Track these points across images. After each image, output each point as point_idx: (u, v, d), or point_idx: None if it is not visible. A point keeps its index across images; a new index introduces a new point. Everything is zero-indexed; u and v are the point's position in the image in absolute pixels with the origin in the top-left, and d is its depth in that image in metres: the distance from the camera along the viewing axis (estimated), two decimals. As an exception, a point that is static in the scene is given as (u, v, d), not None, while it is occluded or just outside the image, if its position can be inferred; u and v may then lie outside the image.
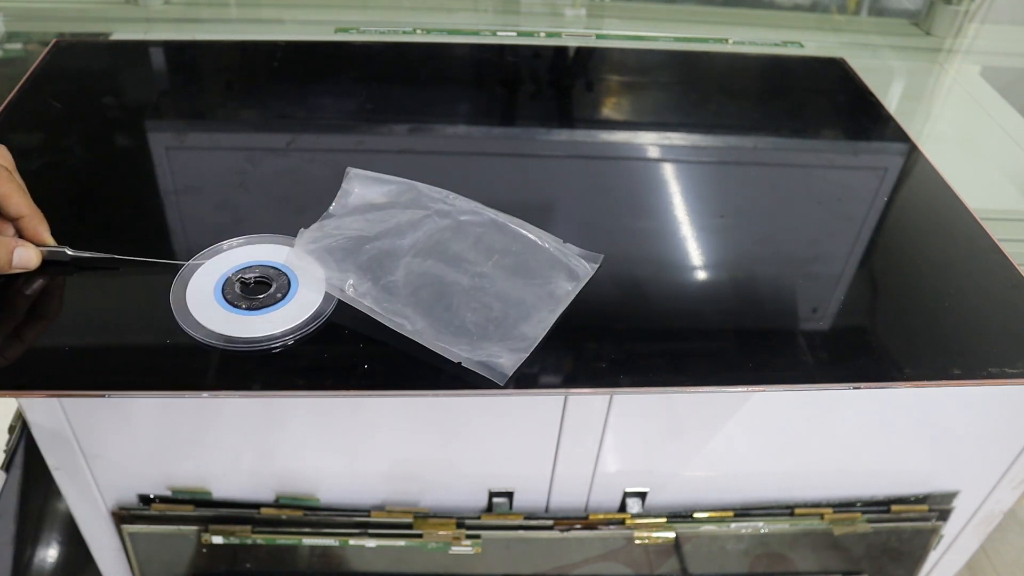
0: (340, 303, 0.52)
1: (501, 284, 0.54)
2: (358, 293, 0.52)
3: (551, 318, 0.53)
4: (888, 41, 1.23)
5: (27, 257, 0.52)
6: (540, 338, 0.51)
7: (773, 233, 0.63)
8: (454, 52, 0.90)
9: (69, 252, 0.54)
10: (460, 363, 0.49)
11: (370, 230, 0.57)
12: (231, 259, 0.55)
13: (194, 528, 0.66)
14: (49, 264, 0.54)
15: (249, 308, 0.51)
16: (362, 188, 0.61)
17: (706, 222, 0.63)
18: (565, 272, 0.56)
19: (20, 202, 0.52)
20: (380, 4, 1.15)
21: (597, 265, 0.57)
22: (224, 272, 0.54)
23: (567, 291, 0.55)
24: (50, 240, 0.54)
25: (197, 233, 0.58)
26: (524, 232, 0.58)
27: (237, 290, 0.53)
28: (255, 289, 0.53)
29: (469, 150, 0.72)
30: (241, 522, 0.67)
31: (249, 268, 0.54)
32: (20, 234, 0.53)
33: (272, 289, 0.53)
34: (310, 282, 0.53)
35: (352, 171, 0.62)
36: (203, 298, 0.52)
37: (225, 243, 0.56)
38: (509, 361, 0.49)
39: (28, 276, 0.53)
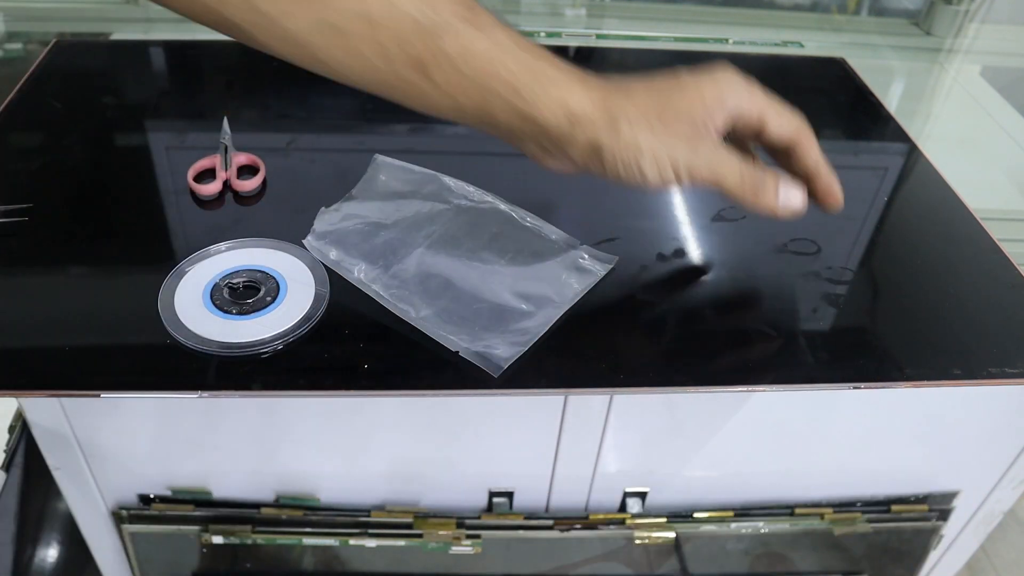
0: (332, 302, 0.52)
1: (511, 280, 0.54)
2: (368, 278, 0.53)
3: (555, 314, 0.53)
4: (888, 41, 1.23)
5: (796, 197, 0.48)
6: (541, 334, 0.51)
7: (773, 233, 0.62)
8: (454, 52, 0.89)
9: None
10: (458, 352, 0.49)
11: (388, 217, 0.58)
12: (222, 264, 0.55)
13: (194, 528, 0.66)
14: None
15: (239, 313, 0.51)
16: (387, 175, 0.62)
17: (706, 222, 0.63)
18: (576, 272, 0.56)
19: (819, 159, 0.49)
20: (380, 4, 1.15)
21: (610, 267, 0.57)
22: (213, 277, 0.54)
23: (575, 291, 0.55)
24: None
25: (196, 233, 0.58)
26: (540, 230, 0.59)
27: (226, 295, 0.53)
28: (244, 293, 0.53)
29: (468, 150, 0.72)
30: (241, 522, 0.67)
31: (238, 272, 0.54)
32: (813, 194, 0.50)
33: (261, 293, 0.53)
34: (299, 286, 0.53)
35: (380, 158, 0.63)
36: (193, 305, 0.51)
37: (213, 248, 0.56)
38: (506, 353, 0.49)
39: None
